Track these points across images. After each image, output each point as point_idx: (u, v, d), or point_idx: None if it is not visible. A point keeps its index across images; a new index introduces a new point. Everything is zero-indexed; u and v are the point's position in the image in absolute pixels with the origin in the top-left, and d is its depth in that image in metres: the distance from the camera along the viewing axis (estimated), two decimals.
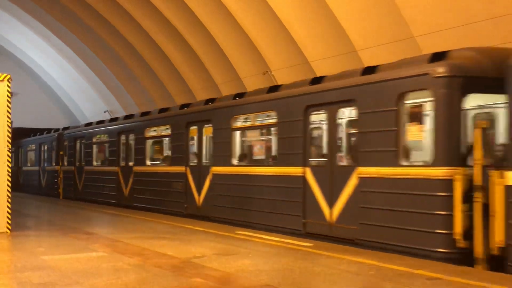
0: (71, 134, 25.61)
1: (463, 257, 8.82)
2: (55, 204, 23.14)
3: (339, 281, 7.69)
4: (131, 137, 19.38)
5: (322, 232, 11.60)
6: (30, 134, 31.93)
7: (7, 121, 13.02)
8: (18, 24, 33.29)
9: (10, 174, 13.07)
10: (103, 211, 19.25)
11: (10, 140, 13.07)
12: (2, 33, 36.50)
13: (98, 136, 22.79)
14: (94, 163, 22.99)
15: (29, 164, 32.52)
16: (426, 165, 9.60)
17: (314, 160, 12.26)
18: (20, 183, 32.58)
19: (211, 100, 16.46)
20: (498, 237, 8.27)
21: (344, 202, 11.10)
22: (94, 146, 23.14)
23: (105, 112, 33.81)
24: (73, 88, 37.34)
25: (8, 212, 12.95)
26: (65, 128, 28.13)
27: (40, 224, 15.99)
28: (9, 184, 13.03)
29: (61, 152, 26.21)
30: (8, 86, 12.99)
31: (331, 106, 11.55)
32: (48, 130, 30.51)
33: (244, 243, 11.30)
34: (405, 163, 9.93)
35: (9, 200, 12.98)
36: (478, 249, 8.61)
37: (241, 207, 14.11)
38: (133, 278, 7.87)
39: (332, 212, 11.37)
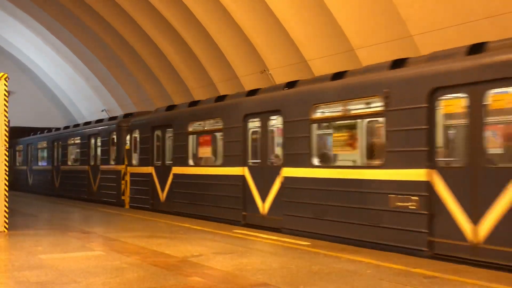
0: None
1: None
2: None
3: (337, 280, 7.70)
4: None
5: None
6: (30, 134, 32.45)
7: (4, 120, 13.01)
8: (15, 22, 33.23)
9: (7, 173, 13.07)
10: (101, 210, 19.26)
11: (7, 140, 13.07)
12: None
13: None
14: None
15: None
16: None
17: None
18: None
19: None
20: None
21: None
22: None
23: (102, 111, 33.79)
24: (70, 86, 37.29)
25: (5, 211, 12.95)
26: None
27: (38, 223, 16.00)
28: (7, 183, 13.04)
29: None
30: (5, 85, 12.99)
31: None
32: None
33: (241, 242, 11.31)
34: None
35: (6, 199, 12.98)
36: None
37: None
38: (131, 277, 7.87)
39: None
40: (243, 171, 13.94)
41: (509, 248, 8.13)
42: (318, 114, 11.88)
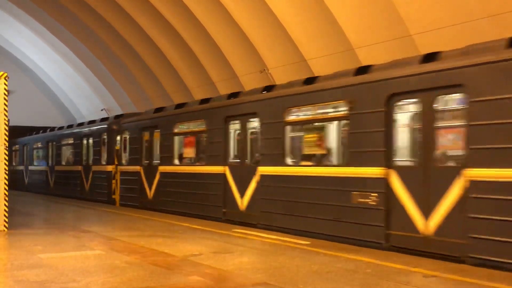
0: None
1: None
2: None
3: (336, 279, 7.70)
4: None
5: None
6: (32, 133, 32.63)
7: (4, 120, 13.01)
8: (15, 22, 33.20)
9: (7, 172, 13.07)
10: (100, 209, 19.26)
11: (7, 139, 13.06)
12: None
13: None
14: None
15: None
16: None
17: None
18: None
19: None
20: None
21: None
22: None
23: (102, 110, 33.78)
24: (69, 86, 37.27)
25: (5, 210, 12.95)
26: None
27: (37, 222, 16.00)
28: (7, 182, 13.03)
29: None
30: (5, 84, 12.98)
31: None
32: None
33: (241, 241, 11.32)
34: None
35: (6, 198, 12.98)
36: None
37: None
38: (130, 276, 7.87)
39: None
40: (224, 169, 14.76)
41: (455, 239, 8.90)
42: (291, 117, 12.70)
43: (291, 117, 12.64)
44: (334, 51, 16.31)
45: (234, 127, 14.95)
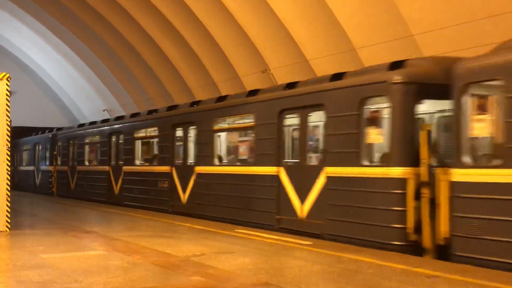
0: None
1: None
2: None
3: (338, 279, 7.70)
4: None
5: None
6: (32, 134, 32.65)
7: (6, 120, 13.01)
8: (16, 22, 33.24)
9: (9, 173, 13.07)
10: (102, 209, 19.28)
11: (9, 139, 13.07)
12: (0, 32, 36.45)
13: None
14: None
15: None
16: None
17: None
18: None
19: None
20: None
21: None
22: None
23: (103, 110, 33.81)
24: (71, 86, 37.31)
25: (7, 211, 12.96)
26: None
27: (39, 223, 16.01)
28: (9, 183, 13.04)
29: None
30: (7, 85, 12.98)
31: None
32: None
33: (243, 241, 11.31)
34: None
35: (8, 199, 12.98)
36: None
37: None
38: (132, 276, 7.88)
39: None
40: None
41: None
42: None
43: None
44: (336, 51, 16.32)
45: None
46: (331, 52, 16.52)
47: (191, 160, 16.67)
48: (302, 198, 12.00)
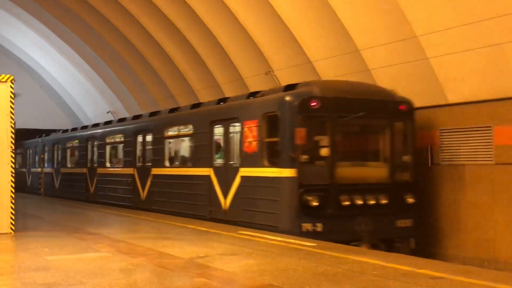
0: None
1: None
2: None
3: (343, 281, 7.69)
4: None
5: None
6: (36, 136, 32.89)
7: (11, 122, 13.05)
8: (20, 25, 33.31)
9: (13, 175, 13.09)
10: (105, 211, 19.31)
11: (13, 141, 13.09)
12: (4, 34, 36.52)
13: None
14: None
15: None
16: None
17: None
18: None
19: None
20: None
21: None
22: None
23: (108, 112, 33.85)
24: (75, 88, 37.34)
25: (11, 213, 12.98)
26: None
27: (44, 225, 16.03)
28: (13, 185, 13.06)
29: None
30: (11, 87, 13.02)
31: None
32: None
33: (247, 242, 11.31)
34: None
35: (13, 201, 13.00)
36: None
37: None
38: (136, 278, 7.89)
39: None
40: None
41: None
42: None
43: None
44: (340, 52, 16.31)
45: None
46: (335, 53, 16.51)
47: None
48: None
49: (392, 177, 13.05)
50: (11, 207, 12.95)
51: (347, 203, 12.45)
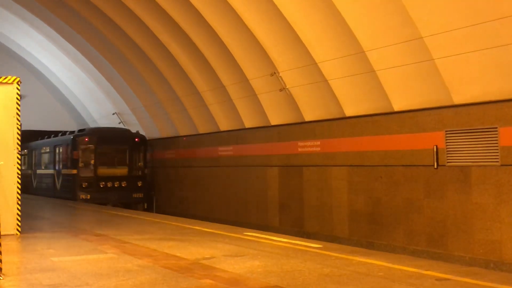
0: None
1: None
2: None
3: (348, 282, 7.69)
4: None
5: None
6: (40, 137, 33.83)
7: (17, 124, 13.09)
8: (26, 26, 33.41)
9: (20, 176, 13.13)
10: (111, 212, 19.34)
11: (19, 143, 13.14)
12: (10, 35, 36.64)
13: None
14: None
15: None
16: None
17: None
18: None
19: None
20: None
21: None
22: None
23: (113, 114, 33.92)
24: (81, 90, 37.42)
25: (18, 214, 13.02)
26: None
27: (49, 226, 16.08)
28: (19, 186, 13.10)
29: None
30: (17, 89, 13.06)
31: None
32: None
33: (252, 244, 11.32)
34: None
35: (19, 202, 13.04)
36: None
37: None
38: (142, 279, 7.90)
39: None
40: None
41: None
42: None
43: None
44: (345, 54, 16.29)
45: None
46: (340, 54, 16.50)
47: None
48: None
49: (130, 172, 27.46)
50: (17, 209, 12.98)
51: (103, 184, 26.41)
